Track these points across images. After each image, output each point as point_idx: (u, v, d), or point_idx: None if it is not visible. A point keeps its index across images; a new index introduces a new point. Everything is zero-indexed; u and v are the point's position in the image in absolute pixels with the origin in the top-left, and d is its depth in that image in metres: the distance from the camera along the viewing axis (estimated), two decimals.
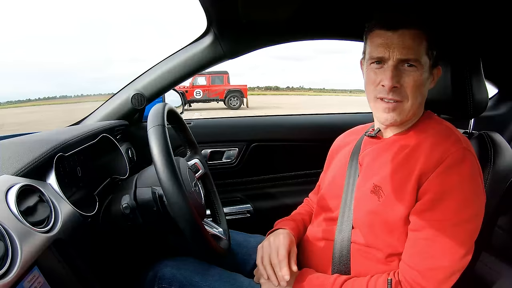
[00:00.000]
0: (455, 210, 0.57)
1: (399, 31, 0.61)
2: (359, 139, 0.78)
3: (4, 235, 0.42)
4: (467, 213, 0.57)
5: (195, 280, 0.70)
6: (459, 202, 0.57)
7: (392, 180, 0.62)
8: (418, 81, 0.62)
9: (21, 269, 0.42)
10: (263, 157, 1.34)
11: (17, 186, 0.49)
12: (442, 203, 0.57)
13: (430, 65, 0.64)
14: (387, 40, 0.61)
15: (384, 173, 0.64)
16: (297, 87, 31.65)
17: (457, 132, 0.64)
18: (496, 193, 0.72)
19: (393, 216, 0.61)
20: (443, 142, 0.60)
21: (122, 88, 1.13)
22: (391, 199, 0.62)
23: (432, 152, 0.60)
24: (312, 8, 0.93)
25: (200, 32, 1.06)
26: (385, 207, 0.62)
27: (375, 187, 0.64)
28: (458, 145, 0.59)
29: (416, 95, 0.63)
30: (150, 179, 0.72)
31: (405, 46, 0.60)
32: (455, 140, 0.60)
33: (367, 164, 0.70)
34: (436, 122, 0.67)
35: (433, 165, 0.58)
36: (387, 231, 0.62)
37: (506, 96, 1.42)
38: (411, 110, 0.64)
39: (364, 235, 0.65)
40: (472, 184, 0.58)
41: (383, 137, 0.72)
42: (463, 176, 0.58)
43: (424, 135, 0.64)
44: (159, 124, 0.63)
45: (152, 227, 0.72)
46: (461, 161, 0.58)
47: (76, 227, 0.59)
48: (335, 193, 0.74)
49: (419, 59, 0.61)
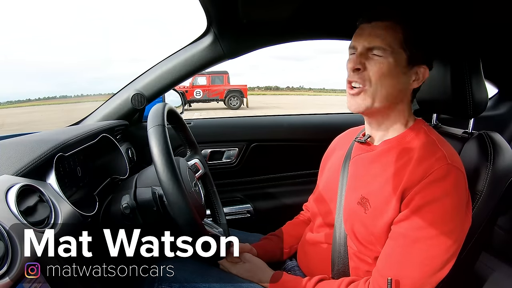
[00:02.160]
0: (432, 222, 0.56)
1: (372, 23, 0.64)
2: (352, 143, 0.78)
3: (4, 235, 0.42)
4: (445, 228, 0.57)
5: (195, 280, 0.70)
6: (438, 215, 0.57)
7: (379, 194, 0.63)
8: (383, 68, 0.62)
9: (21, 269, 0.42)
10: (263, 157, 1.34)
11: (17, 186, 0.49)
12: (420, 214, 0.57)
13: (407, 59, 0.63)
14: (361, 31, 0.65)
15: (373, 187, 0.65)
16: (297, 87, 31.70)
17: (444, 146, 0.63)
18: (496, 193, 0.72)
19: (379, 228, 0.62)
20: (428, 158, 0.60)
21: (122, 88, 1.13)
22: (377, 212, 0.62)
23: (417, 168, 0.59)
24: (312, 8, 0.93)
25: (200, 32, 1.06)
26: (371, 220, 0.63)
27: (363, 199, 0.65)
28: (442, 162, 0.59)
29: (380, 83, 0.62)
30: (150, 179, 0.72)
31: (373, 35, 0.63)
32: (441, 156, 0.60)
33: (356, 173, 0.70)
34: (425, 134, 0.65)
35: (416, 181, 0.58)
36: (374, 242, 0.63)
37: (506, 96, 1.42)
38: (376, 99, 0.63)
39: (354, 243, 0.67)
40: (454, 199, 0.58)
41: (372, 144, 0.71)
42: (445, 190, 0.57)
43: (411, 148, 0.63)
44: (159, 124, 0.63)
45: (152, 227, 0.72)
46: (445, 177, 0.57)
47: (76, 227, 0.59)
48: (330, 197, 0.74)
49: (386, 48, 0.61)
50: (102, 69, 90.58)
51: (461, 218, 0.59)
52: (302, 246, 0.81)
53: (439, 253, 0.57)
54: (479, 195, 0.71)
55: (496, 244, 0.81)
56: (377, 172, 0.65)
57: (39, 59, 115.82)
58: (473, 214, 0.70)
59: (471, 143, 0.77)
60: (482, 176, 0.71)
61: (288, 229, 0.88)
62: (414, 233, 0.57)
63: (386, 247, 0.61)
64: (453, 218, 0.58)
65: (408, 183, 0.59)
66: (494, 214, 0.74)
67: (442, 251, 0.57)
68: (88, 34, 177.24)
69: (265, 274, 0.72)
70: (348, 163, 0.73)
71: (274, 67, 73.50)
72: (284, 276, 0.70)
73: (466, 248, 0.72)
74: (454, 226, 0.58)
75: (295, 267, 0.82)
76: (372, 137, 0.72)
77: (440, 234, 0.56)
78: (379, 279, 0.59)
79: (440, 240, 0.57)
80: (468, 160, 0.74)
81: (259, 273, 0.72)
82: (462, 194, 0.59)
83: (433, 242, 0.57)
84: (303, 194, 0.98)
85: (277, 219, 0.91)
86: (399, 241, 0.59)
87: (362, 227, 0.64)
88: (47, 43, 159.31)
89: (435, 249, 0.57)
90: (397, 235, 0.59)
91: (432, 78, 0.80)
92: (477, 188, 0.71)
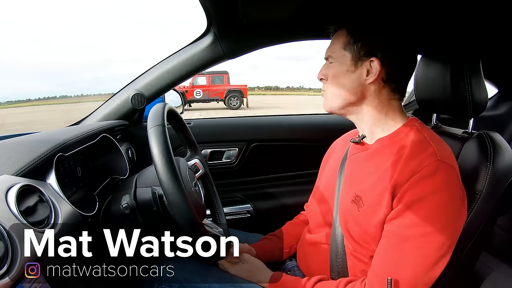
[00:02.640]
0: (424, 219, 0.56)
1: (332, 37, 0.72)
2: (349, 145, 0.78)
3: (4, 235, 0.42)
4: (437, 225, 0.57)
5: (195, 280, 0.70)
6: (429, 212, 0.57)
7: (371, 192, 0.63)
8: (333, 72, 0.69)
9: (21, 269, 0.42)
10: (263, 157, 1.34)
11: (17, 186, 0.49)
12: (411, 211, 0.57)
13: (353, 57, 0.66)
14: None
15: (366, 184, 0.65)
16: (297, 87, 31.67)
17: (436, 143, 0.62)
18: (496, 193, 0.72)
19: (372, 226, 0.62)
20: (418, 154, 0.60)
21: (122, 88, 1.13)
22: (370, 210, 0.63)
23: (407, 165, 0.60)
24: (312, 8, 0.93)
25: (200, 32, 1.06)
26: (365, 218, 0.63)
27: (356, 197, 0.65)
28: (432, 158, 0.59)
29: (333, 85, 0.69)
30: (150, 179, 0.72)
31: (328, 47, 0.71)
32: (431, 153, 0.60)
33: (350, 172, 0.71)
34: (417, 131, 0.65)
35: (406, 177, 0.59)
36: (369, 240, 0.63)
37: (506, 96, 1.42)
38: (335, 98, 0.69)
39: (350, 242, 0.67)
40: (445, 195, 0.58)
41: (367, 143, 0.72)
42: (435, 186, 0.57)
43: (402, 146, 0.64)
44: (159, 124, 0.63)
45: (152, 227, 0.72)
46: (434, 173, 0.57)
47: (76, 227, 0.59)
48: (329, 197, 0.75)
49: (331, 55, 0.69)
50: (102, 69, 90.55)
51: (454, 214, 0.59)
52: (302, 246, 0.81)
53: (432, 251, 0.57)
54: (479, 195, 0.71)
55: (496, 244, 0.81)
56: (371, 170, 0.66)
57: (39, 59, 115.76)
58: (473, 214, 0.71)
59: (471, 143, 0.77)
60: (482, 176, 0.71)
61: (288, 229, 0.88)
62: (406, 231, 0.57)
63: (380, 246, 0.61)
64: (445, 214, 0.58)
65: (398, 180, 0.59)
66: (494, 214, 0.74)
67: (435, 248, 0.57)
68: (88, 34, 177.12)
69: (263, 275, 0.72)
70: (345, 163, 0.74)
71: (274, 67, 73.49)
72: (283, 277, 0.71)
73: (466, 248, 0.72)
74: (446, 223, 0.58)
75: (294, 267, 0.82)
76: (367, 137, 0.72)
77: (432, 231, 0.56)
78: (373, 278, 0.59)
79: (433, 237, 0.56)
80: (468, 160, 0.74)
81: (257, 273, 0.72)
82: (454, 190, 0.59)
83: (426, 239, 0.56)
84: (303, 194, 0.98)
85: (277, 219, 0.91)
86: (392, 240, 0.59)
87: (356, 225, 0.65)
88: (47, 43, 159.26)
89: (428, 246, 0.57)
90: (389, 233, 0.59)
91: (432, 78, 0.80)
92: (477, 188, 0.71)
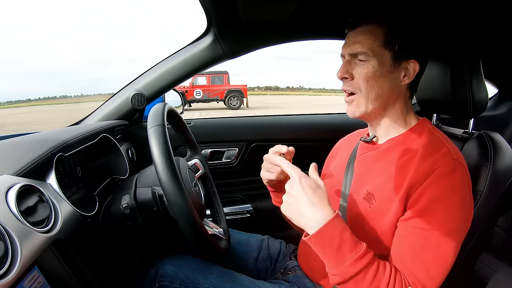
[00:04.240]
0: (443, 218, 0.56)
1: (356, 29, 0.65)
2: (356, 144, 0.78)
3: (4, 235, 0.42)
4: (455, 224, 0.57)
5: (196, 277, 0.70)
6: (447, 211, 0.57)
7: (384, 189, 0.63)
8: (368, 72, 0.63)
9: (21, 269, 0.42)
10: (263, 157, 1.34)
11: (17, 186, 0.49)
12: (430, 211, 0.57)
13: (391, 58, 0.63)
14: (347, 39, 0.67)
15: (378, 182, 0.65)
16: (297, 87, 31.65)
17: (449, 143, 0.63)
18: (496, 193, 0.72)
19: (382, 223, 0.62)
20: (433, 153, 0.60)
21: (122, 88, 1.14)
22: (381, 207, 0.62)
23: (422, 163, 0.60)
24: (312, 8, 0.93)
25: (200, 32, 1.06)
26: (376, 214, 0.63)
27: (368, 194, 0.65)
28: (448, 157, 0.59)
29: (369, 87, 0.64)
30: (150, 179, 0.72)
31: (355, 41, 0.64)
32: (446, 152, 0.60)
33: (362, 171, 0.71)
34: (429, 131, 0.66)
35: (422, 177, 0.58)
36: (378, 236, 0.63)
37: (506, 96, 1.42)
38: (369, 102, 0.65)
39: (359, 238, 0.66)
40: (461, 195, 0.58)
41: (377, 143, 0.72)
42: (453, 185, 0.57)
43: (416, 145, 0.64)
44: (159, 124, 0.63)
45: (152, 227, 0.72)
46: (451, 172, 0.58)
47: (76, 227, 0.59)
48: (332, 197, 0.74)
49: (367, 52, 0.63)
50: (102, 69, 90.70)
51: (468, 214, 0.60)
52: (304, 245, 0.81)
53: (450, 250, 0.56)
54: (480, 195, 0.71)
55: (496, 244, 0.81)
56: (382, 169, 0.66)
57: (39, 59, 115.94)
58: (474, 214, 0.71)
59: (471, 143, 0.77)
60: (482, 176, 0.71)
61: None
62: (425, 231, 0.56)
63: (397, 245, 0.60)
64: (461, 214, 0.58)
65: (413, 180, 0.59)
66: (494, 214, 0.74)
67: (453, 248, 0.57)
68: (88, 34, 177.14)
69: (327, 206, 0.57)
70: (353, 163, 0.74)
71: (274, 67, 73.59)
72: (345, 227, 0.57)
73: (466, 248, 0.72)
74: (460, 223, 0.58)
75: (295, 266, 0.82)
76: (377, 137, 0.72)
77: (450, 231, 0.56)
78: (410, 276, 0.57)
79: (451, 237, 0.56)
80: (468, 160, 0.74)
81: (324, 199, 0.58)
82: (467, 190, 0.59)
83: (444, 240, 0.56)
84: None
85: (277, 219, 0.90)
86: (410, 239, 0.58)
87: (366, 223, 0.64)
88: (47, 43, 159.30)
89: (446, 246, 0.56)
90: (408, 232, 0.58)
91: (432, 78, 0.80)
92: (478, 188, 0.71)
